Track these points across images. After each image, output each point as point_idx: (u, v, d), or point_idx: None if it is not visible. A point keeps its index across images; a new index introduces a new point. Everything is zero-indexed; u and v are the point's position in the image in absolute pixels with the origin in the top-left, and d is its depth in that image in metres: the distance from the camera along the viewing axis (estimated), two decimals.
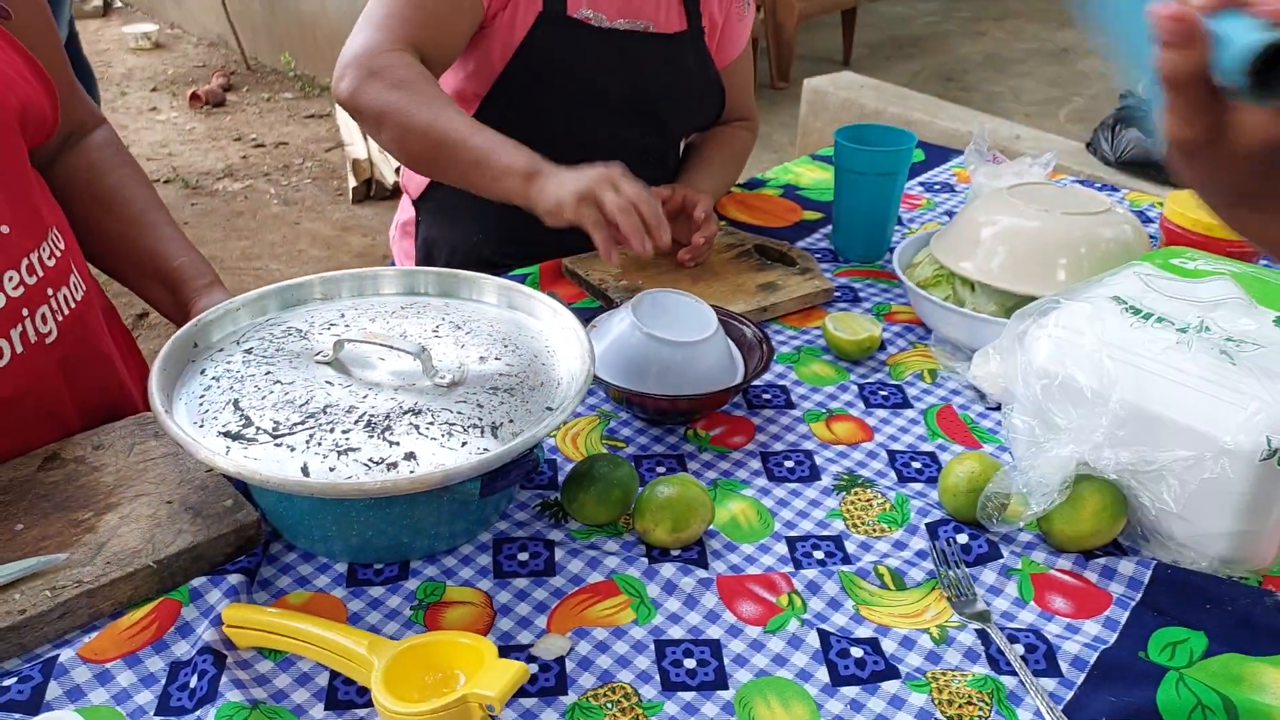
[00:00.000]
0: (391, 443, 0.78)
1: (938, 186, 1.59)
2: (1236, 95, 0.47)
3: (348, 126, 3.98)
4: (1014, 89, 4.90)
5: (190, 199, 3.69)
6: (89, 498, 0.86)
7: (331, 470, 0.75)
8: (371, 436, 0.79)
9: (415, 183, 1.46)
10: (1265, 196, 0.51)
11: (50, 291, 0.92)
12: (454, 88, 1.35)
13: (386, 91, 1.15)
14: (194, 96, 4.48)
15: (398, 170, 3.61)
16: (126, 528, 0.82)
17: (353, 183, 3.67)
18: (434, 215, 1.46)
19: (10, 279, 0.87)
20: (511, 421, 0.82)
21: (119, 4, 5.92)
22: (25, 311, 0.89)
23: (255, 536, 0.85)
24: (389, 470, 0.76)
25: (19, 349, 0.88)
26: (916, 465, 0.98)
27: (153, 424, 0.94)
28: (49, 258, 0.92)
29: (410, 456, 0.77)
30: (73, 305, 0.95)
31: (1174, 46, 0.46)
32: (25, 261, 0.89)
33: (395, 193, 3.63)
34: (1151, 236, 1.25)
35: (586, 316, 1.04)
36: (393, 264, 1.57)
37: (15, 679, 0.71)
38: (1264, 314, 0.90)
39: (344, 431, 0.79)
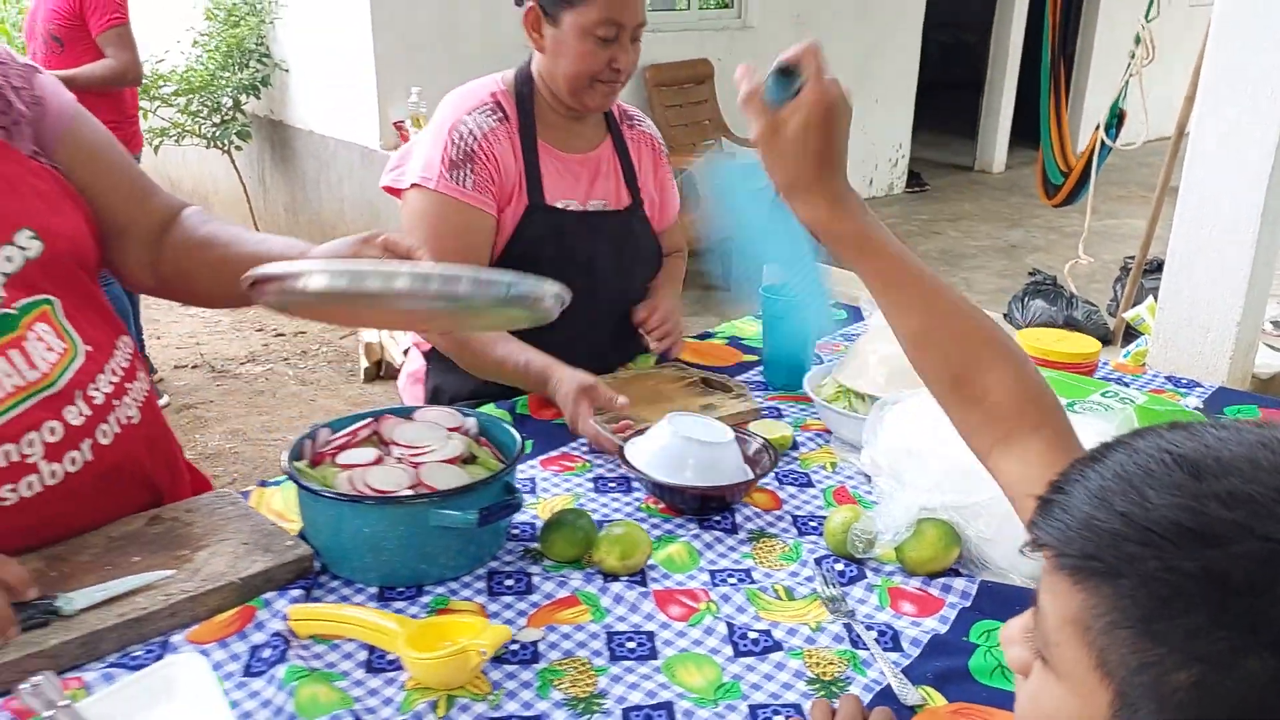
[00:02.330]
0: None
1: (854, 337, 1.94)
2: (769, 97, 0.85)
3: None
4: (966, 280, 5.38)
5: (216, 381, 4.06)
6: (185, 542, 1.15)
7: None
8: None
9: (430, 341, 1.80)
10: (809, 188, 0.86)
11: (128, 385, 1.20)
12: None
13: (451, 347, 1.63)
14: None
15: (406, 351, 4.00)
16: (216, 558, 1.11)
17: (364, 363, 4.05)
18: (441, 366, 1.79)
19: (100, 383, 1.16)
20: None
21: None
22: (116, 403, 1.18)
23: (309, 567, 1.13)
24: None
25: (117, 431, 1.17)
26: (813, 524, 1.28)
27: (227, 498, 1.24)
28: (124, 361, 1.20)
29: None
30: (145, 395, 1.24)
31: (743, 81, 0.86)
32: (109, 366, 1.18)
33: None
34: None
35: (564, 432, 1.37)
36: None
37: (143, 651, 1.00)
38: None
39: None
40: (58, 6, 3.36)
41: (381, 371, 4.08)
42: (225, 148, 5.01)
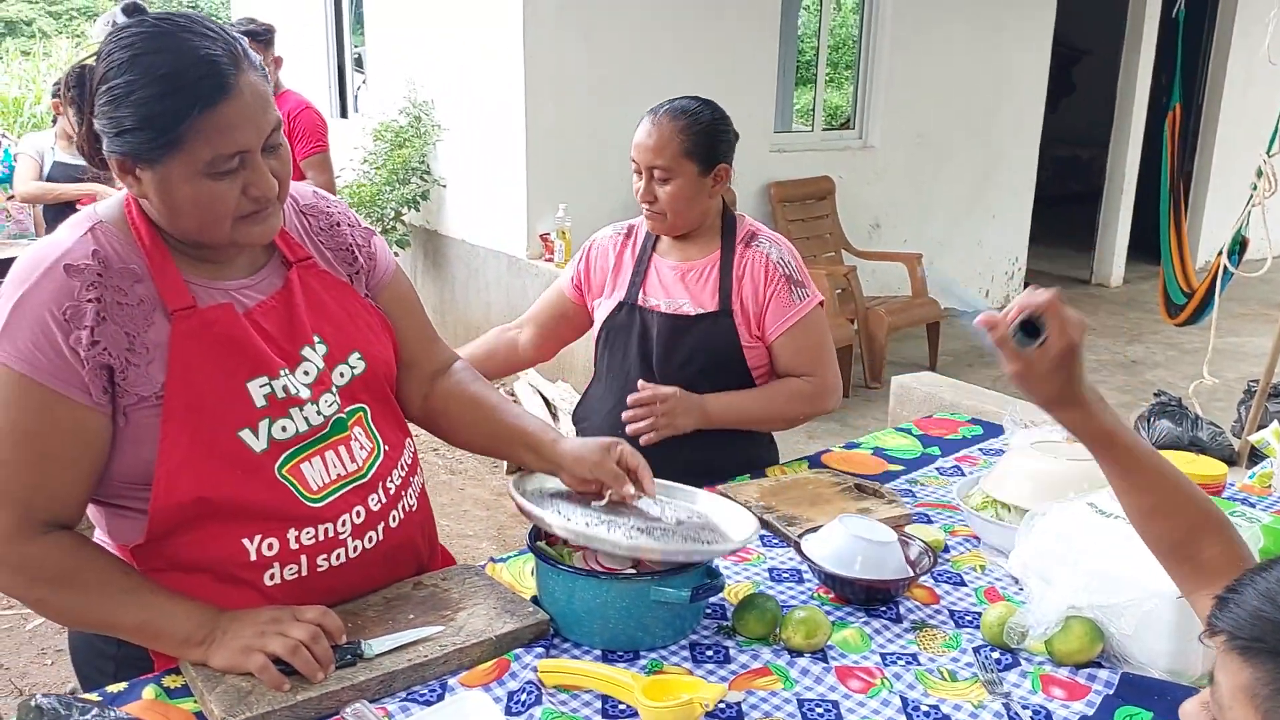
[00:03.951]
0: (655, 540, 1.34)
1: (991, 451, 2.13)
2: (1020, 347, 1.04)
3: None
4: None
5: None
6: (446, 604, 1.40)
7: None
8: (644, 535, 1.34)
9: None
10: (1063, 402, 1.05)
11: (411, 479, 1.49)
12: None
13: None
14: None
15: None
16: (474, 619, 1.36)
17: None
18: None
19: (394, 477, 1.45)
20: (710, 544, 1.36)
21: None
22: (402, 494, 1.46)
23: (545, 630, 1.37)
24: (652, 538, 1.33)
25: (401, 516, 1.45)
26: (969, 619, 1.46)
27: (473, 569, 1.50)
28: (408, 459, 1.50)
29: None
30: (420, 486, 1.52)
31: (992, 331, 1.05)
32: (400, 462, 1.47)
33: None
34: None
35: None
36: None
37: (426, 690, 1.24)
38: None
39: (625, 531, 1.34)
40: None
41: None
42: None
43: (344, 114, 6.68)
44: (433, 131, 5.44)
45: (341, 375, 1.35)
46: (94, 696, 1.22)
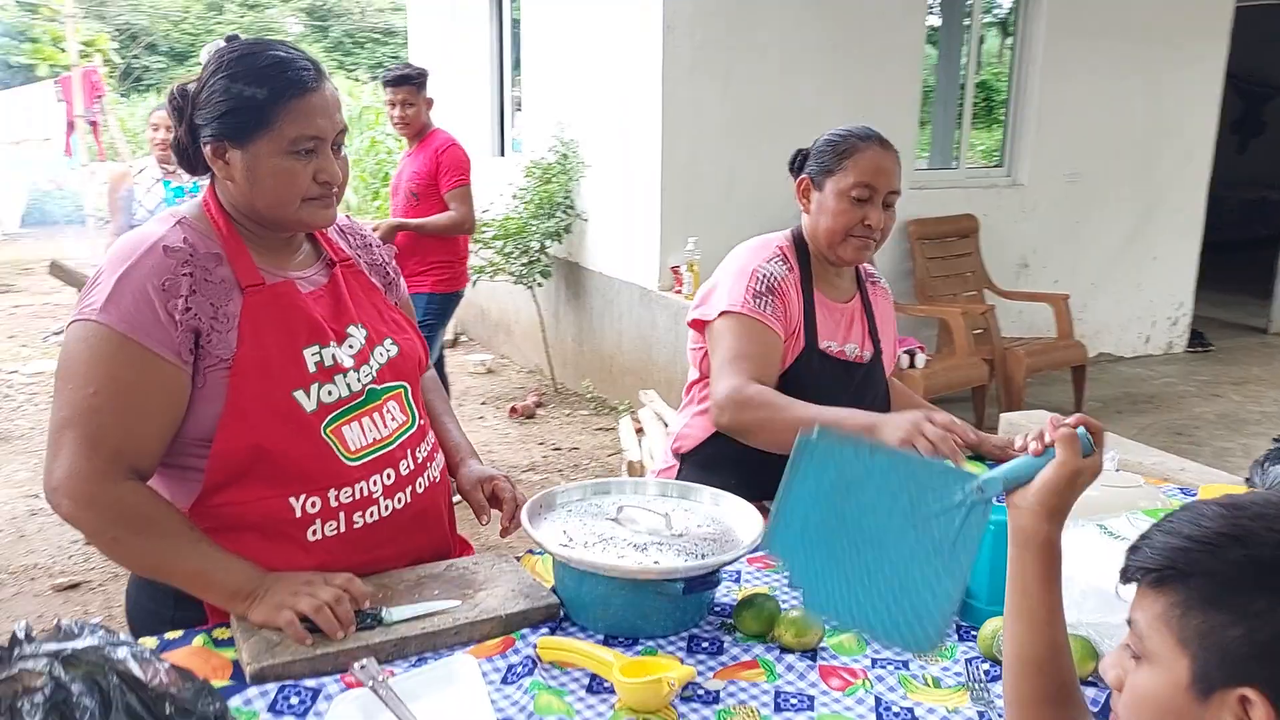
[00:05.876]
0: (646, 555, 1.42)
1: None
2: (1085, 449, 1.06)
3: (627, 434, 4.88)
4: (1245, 446, 5.09)
5: None
6: (469, 584, 1.53)
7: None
8: (636, 551, 1.43)
9: (688, 442, 2.10)
10: (1062, 517, 1.07)
11: (435, 454, 1.65)
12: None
13: (754, 412, 1.76)
14: (512, 409, 5.61)
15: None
16: (490, 599, 1.48)
17: (626, 478, 4.48)
18: (692, 474, 2.07)
19: (422, 449, 1.60)
20: (704, 557, 1.43)
21: (464, 339, 7.47)
22: (428, 465, 1.61)
23: (555, 613, 1.48)
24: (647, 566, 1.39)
25: (427, 484, 1.60)
26: (972, 633, 1.47)
27: (505, 558, 1.62)
28: (431, 438, 1.66)
29: (656, 563, 1.40)
30: (442, 464, 1.68)
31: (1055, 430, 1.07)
32: (428, 439, 1.63)
33: None
34: None
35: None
36: None
37: (436, 659, 1.37)
38: None
39: (619, 549, 1.44)
40: (419, 170, 4.23)
41: None
42: (529, 284, 5.76)
43: (501, 153, 7.07)
44: (578, 168, 5.69)
45: (380, 355, 1.56)
46: (151, 640, 1.41)
